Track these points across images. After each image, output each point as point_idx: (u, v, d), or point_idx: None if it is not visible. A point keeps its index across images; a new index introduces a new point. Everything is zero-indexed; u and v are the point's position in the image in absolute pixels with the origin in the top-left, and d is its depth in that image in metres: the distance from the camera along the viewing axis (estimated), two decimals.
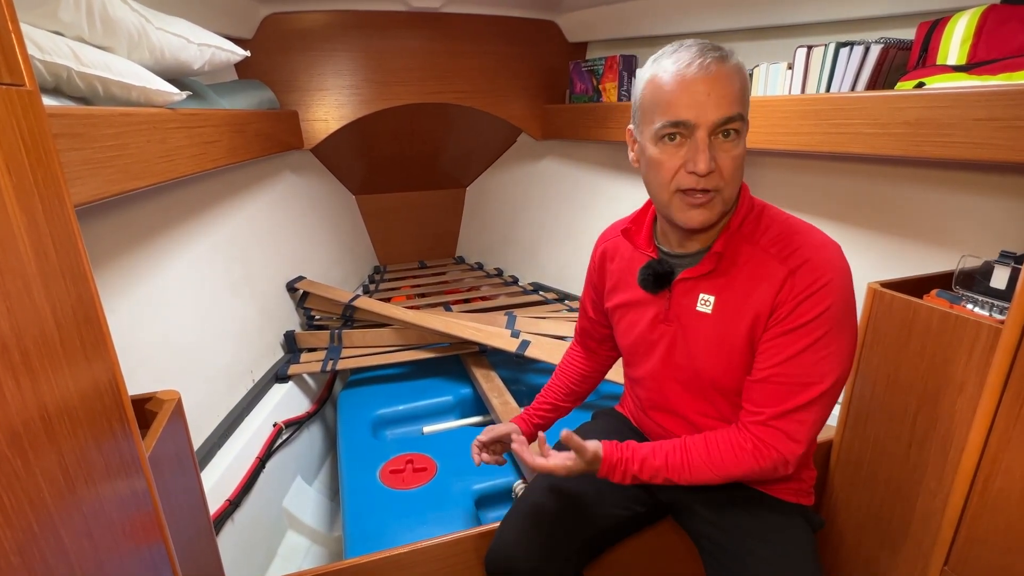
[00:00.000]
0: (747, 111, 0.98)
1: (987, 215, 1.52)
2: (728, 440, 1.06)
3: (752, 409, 1.05)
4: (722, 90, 0.92)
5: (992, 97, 1.23)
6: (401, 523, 1.56)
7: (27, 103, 0.59)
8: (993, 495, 1.06)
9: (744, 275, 1.04)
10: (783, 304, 0.99)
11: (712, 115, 0.93)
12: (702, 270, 1.07)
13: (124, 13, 1.34)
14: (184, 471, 1.07)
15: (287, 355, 2.49)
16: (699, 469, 1.06)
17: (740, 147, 0.97)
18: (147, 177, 1.33)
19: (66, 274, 0.64)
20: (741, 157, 0.98)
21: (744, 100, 0.97)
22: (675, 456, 1.08)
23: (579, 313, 1.46)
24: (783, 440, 1.02)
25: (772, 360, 1.02)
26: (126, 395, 0.77)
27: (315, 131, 3.06)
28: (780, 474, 1.04)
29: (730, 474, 1.05)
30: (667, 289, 1.13)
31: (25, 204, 0.58)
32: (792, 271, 0.99)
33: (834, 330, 0.98)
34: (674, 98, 0.94)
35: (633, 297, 1.19)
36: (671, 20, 2.63)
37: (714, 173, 0.96)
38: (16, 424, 0.53)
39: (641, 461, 1.08)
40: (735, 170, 0.97)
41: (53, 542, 0.57)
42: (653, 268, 1.13)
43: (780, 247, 1.02)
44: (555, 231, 3.52)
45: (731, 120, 0.94)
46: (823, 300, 0.97)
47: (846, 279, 1.00)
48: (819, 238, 1.02)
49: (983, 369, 1.08)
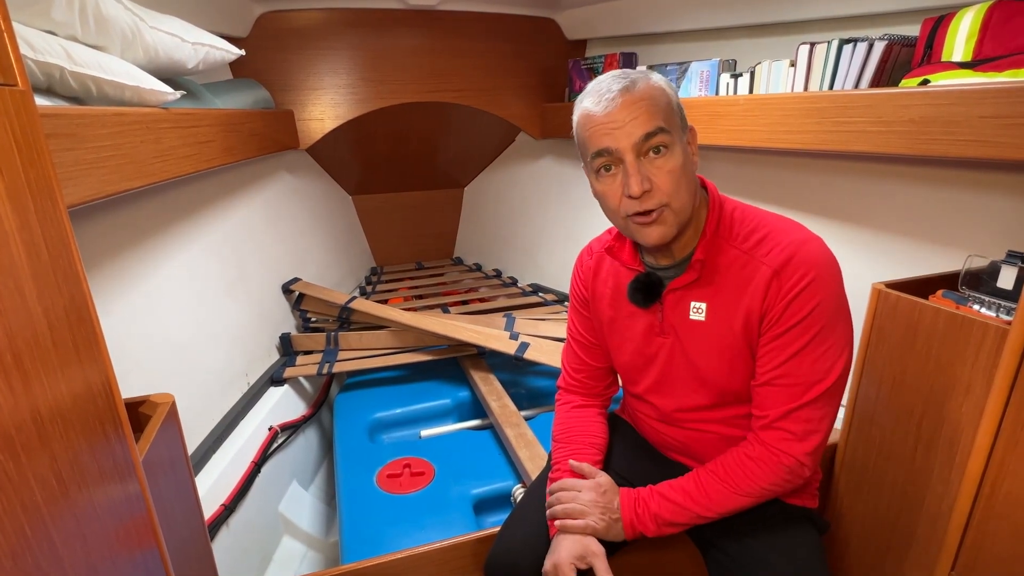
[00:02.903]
0: (676, 122, 0.99)
1: (993, 214, 1.51)
2: (739, 454, 1.06)
3: (758, 414, 1.05)
4: (635, 111, 0.96)
5: (998, 94, 1.21)
6: (398, 528, 1.54)
7: (20, 103, 0.60)
8: (1001, 499, 1.05)
9: (731, 278, 1.04)
10: (773, 306, 1.00)
11: (630, 137, 0.96)
12: (688, 279, 1.07)
13: (117, 12, 1.34)
14: (178, 475, 1.06)
15: (283, 358, 2.48)
16: (719, 493, 1.05)
17: (674, 159, 0.97)
18: (141, 177, 1.33)
19: (59, 275, 0.65)
20: (679, 169, 0.98)
21: (666, 113, 0.98)
22: (692, 486, 1.07)
23: (568, 354, 1.36)
24: (791, 441, 1.01)
25: (772, 363, 1.02)
26: (119, 398, 0.77)
27: (311, 131, 3.05)
28: (799, 478, 1.04)
29: (750, 489, 1.04)
30: (658, 302, 1.13)
31: (17, 205, 0.58)
32: (777, 271, 0.99)
33: (828, 324, 0.98)
34: (595, 130, 0.99)
35: (623, 312, 1.19)
36: (671, 17, 2.62)
37: (652, 191, 0.97)
38: (8, 427, 0.53)
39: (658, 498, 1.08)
40: (674, 183, 0.98)
41: (46, 547, 0.57)
42: (641, 281, 1.13)
43: (761, 246, 1.02)
44: (555, 231, 3.51)
45: (651, 135, 0.96)
46: (812, 297, 0.97)
47: (832, 271, 0.99)
48: (799, 234, 1.02)
49: (990, 371, 1.07)
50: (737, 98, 1.99)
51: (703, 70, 2.24)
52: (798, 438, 1.01)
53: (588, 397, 1.35)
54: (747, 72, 2.03)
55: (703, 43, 2.60)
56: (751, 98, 1.92)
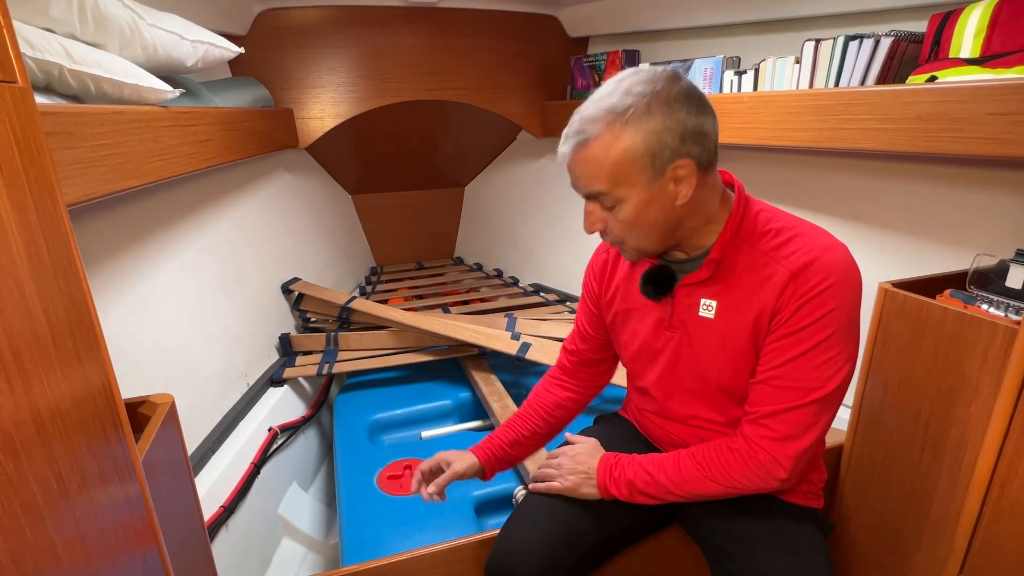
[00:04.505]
0: (631, 177, 0.97)
1: (1002, 212, 1.50)
2: (721, 443, 1.07)
3: (749, 410, 1.05)
4: (580, 171, 1.01)
5: (1007, 91, 1.21)
6: (399, 530, 1.54)
7: (19, 100, 0.60)
8: (1010, 501, 1.04)
9: (745, 278, 1.03)
10: (786, 306, 0.98)
11: (580, 190, 1.04)
12: (701, 276, 1.07)
13: (116, 9, 1.34)
14: (178, 476, 1.06)
15: (282, 358, 2.46)
16: (692, 474, 1.07)
17: (624, 212, 1.00)
18: (140, 176, 1.32)
19: (59, 275, 0.64)
20: (630, 219, 1.00)
21: (614, 174, 0.98)
22: (669, 463, 1.10)
23: (572, 335, 1.41)
24: (771, 439, 1.01)
25: (772, 363, 1.01)
26: (119, 398, 0.77)
27: (310, 129, 3.04)
28: (775, 479, 1.02)
29: (721, 477, 1.05)
30: (669, 296, 1.12)
31: (17, 203, 0.58)
32: (795, 273, 0.98)
33: (837, 333, 0.97)
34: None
35: (634, 304, 1.19)
36: (674, 14, 2.61)
37: (607, 231, 1.05)
38: (8, 427, 0.53)
39: (636, 466, 1.12)
40: (625, 230, 1.02)
41: (46, 547, 0.57)
42: (652, 274, 1.13)
43: (783, 249, 1.01)
44: (556, 231, 3.49)
45: (592, 196, 1.02)
46: (827, 303, 0.96)
47: (851, 281, 0.98)
48: (825, 240, 1.01)
49: (999, 371, 1.06)
50: (741, 95, 1.97)
51: (707, 67, 2.22)
52: (780, 438, 1.00)
53: (570, 377, 1.39)
54: (751, 69, 2.02)
55: (706, 40, 2.59)
56: (755, 95, 1.91)
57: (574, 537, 1.16)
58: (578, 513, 1.18)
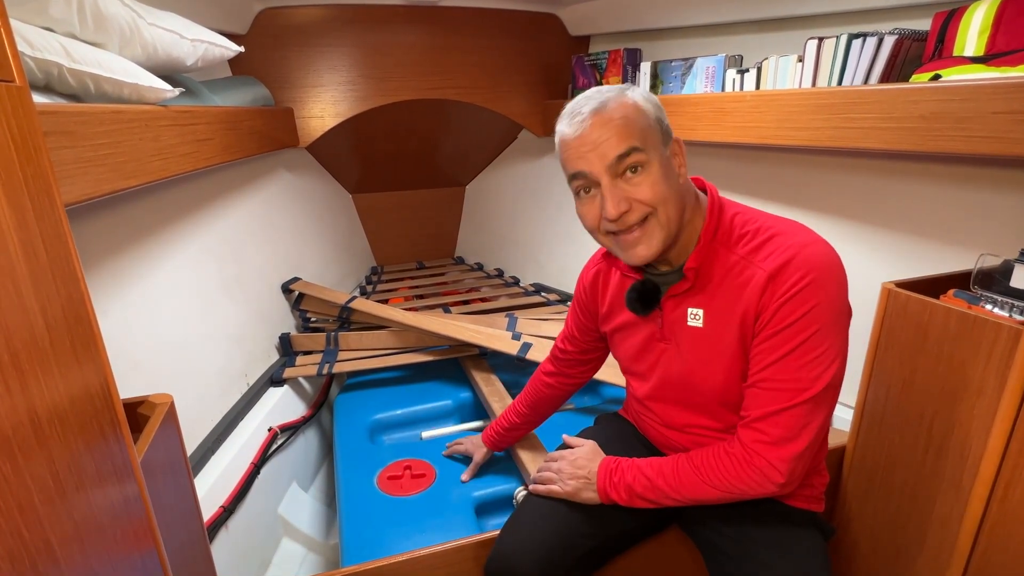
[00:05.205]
0: (654, 138, 0.98)
1: (1006, 212, 1.49)
2: (719, 448, 1.06)
3: (743, 414, 1.05)
4: (606, 133, 0.96)
5: (1011, 89, 1.20)
6: (399, 530, 1.53)
7: (17, 100, 0.59)
8: (1014, 503, 1.03)
9: (727, 284, 1.03)
10: (767, 307, 0.98)
11: (603, 159, 0.97)
12: (683, 286, 1.07)
13: (116, 8, 1.33)
14: (177, 477, 1.06)
15: (282, 358, 2.46)
16: (690, 480, 1.07)
17: (652, 176, 0.97)
18: (139, 176, 1.32)
19: (56, 275, 0.64)
20: (659, 184, 0.97)
21: (641, 131, 0.97)
22: (668, 468, 1.10)
23: (562, 335, 1.44)
24: (765, 443, 1.00)
25: (760, 365, 1.01)
26: (118, 399, 0.77)
27: (311, 128, 3.03)
28: (773, 484, 1.01)
29: (718, 482, 1.04)
30: (658, 308, 1.13)
31: (14, 203, 0.58)
32: (773, 273, 0.97)
33: (823, 330, 0.96)
34: (570, 152, 1.00)
35: (627, 319, 1.20)
36: (676, 12, 2.60)
37: (632, 209, 0.98)
38: (5, 427, 0.52)
39: (635, 471, 1.12)
40: (655, 195, 0.98)
41: (43, 549, 0.57)
42: (636, 290, 1.13)
43: (761, 250, 1.00)
44: (557, 230, 3.48)
45: (625, 156, 0.96)
46: (807, 300, 0.95)
47: (834, 275, 0.97)
48: (804, 236, 1.00)
49: (1003, 372, 1.05)
50: (743, 94, 1.97)
51: (709, 66, 2.22)
52: (773, 442, 0.99)
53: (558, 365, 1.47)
54: (754, 68, 2.02)
55: (709, 39, 2.58)
56: (758, 94, 1.90)
57: (573, 539, 1.17)
58: (577, 515, 1.18)
